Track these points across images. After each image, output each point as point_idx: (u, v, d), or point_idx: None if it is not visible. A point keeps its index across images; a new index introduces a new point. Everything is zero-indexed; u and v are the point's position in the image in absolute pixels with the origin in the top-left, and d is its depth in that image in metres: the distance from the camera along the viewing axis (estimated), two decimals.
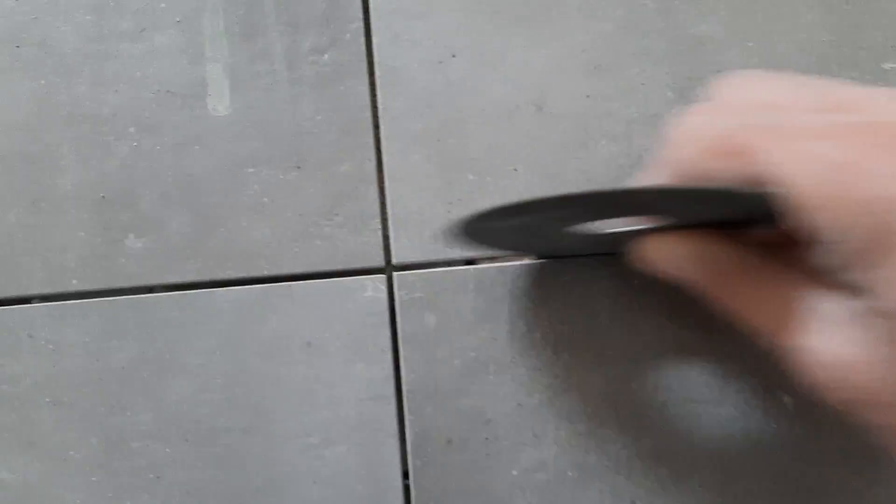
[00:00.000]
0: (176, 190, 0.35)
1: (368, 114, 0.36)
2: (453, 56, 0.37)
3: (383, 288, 0.36)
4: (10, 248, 0.35)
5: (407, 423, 0.35)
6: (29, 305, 0.35)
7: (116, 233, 0.35)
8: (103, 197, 0.35)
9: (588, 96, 0.37)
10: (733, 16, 0.37)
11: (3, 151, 0.35)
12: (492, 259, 0.36)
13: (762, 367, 0.35)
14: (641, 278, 0.34)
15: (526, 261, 0.36)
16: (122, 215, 0.35)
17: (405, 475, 0.34)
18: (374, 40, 0.37)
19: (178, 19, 0.36)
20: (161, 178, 0.35)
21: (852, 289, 0.23)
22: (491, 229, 0.31)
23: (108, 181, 0.35)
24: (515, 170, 0.36)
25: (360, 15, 0.37)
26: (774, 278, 0.26)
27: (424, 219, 0.36)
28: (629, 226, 0.30)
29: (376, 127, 0.36)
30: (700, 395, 0.35)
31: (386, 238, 0.36)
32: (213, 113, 0.36)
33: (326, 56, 0.36)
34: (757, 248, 0.27)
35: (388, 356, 0.35)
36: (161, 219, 0.35)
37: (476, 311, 0.35)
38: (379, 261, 0.36)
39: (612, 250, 0.34)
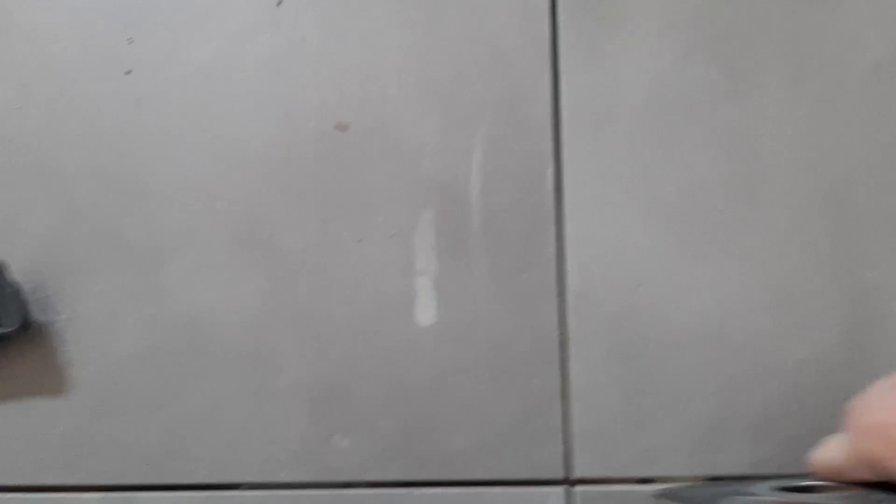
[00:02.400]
0: (383, 394, 0.39)
1: (558, 332, 0.40)
2: (640, 284, 0.40)
3: (563, 501, 0.38)
4: (227, 435, 0.38)
5: None
6: (238, 492, 0.38)
7: (326, 430, 0.38)
8: (316, 396, 0.38)
9: (764, 332, 0.40)
10: None
11: (231, 345, 0.39)
12: (668, 479, 0.38)
13: None
14: None
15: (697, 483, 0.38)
16: (333, 414, 0.38)
17: None
18: (568, 264, 0.40)
19: (392, 233, 0.40)
20: (370, 382, 0.39)
21: None
22: None
23: (322, 381, 0.39)
24: (693, 397, 0.39)
25: (555, 240, 0.40)
26: None
27: (606, 436, 0.39)
28: None
29: (565, 346, 0.39)
30: None
31: (568, 452, 0.39)
32: (420, 323, 0.39)
33: (524, 275, 0.40)
34: None
35: None
36: (368, 420, 0.38)
37: None
38: (560, 474, 0.38)
39: None
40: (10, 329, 0.36)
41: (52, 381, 0.37)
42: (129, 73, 0.41)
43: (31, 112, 0.40)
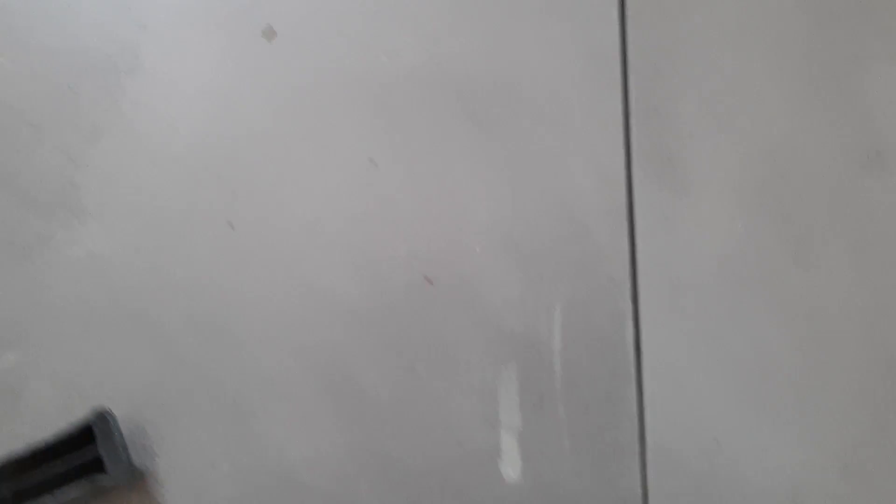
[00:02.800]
0: None
1: (640, 492, 0.40)
2: (719, 444, 0.41)
3: None
4: None
5: None
6: None
7: None
8: None
9: (836, 495, 0.40)
10: None
11: (320, 496, 0.40)
12: None
13: None
14: None
15: None
16: None
17: None
18: (648, 423, 0.41)
19: (477, 386, 0.42)
20: None
21: None
22: None
23: None
24: None
25: (636, 397, 0.42)
26: None
27: None
28: None
29: None
30: None
31: None
32: (504, 478, 0.40)
33: (606, 435, 0.41)
34: None
35: None
36: None
37: None
38: None
39: None
40: (117, 480, 0.37)
41: None
42: (230, 224, 0.44)
43: (138, 263, 0.43)
